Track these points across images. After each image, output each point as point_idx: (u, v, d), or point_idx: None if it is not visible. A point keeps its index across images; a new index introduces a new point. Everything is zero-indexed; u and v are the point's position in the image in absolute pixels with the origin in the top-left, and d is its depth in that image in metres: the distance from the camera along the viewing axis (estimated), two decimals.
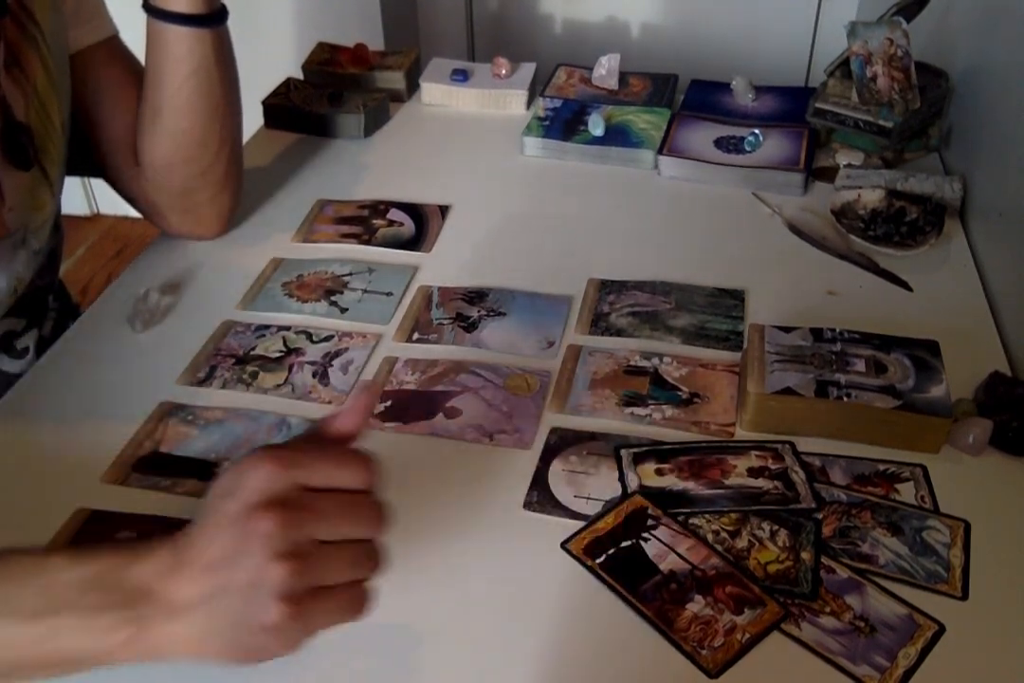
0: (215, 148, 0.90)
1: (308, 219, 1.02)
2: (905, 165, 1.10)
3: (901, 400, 0.70)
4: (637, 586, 0.61)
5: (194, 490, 0.69)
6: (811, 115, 1.11)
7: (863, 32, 1.02)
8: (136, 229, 2.40)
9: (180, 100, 0.86)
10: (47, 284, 0.91)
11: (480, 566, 0.64)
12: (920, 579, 0.62)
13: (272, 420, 0.75)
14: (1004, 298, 0.87)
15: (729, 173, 1.07)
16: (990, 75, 1.02)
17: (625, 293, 0.89)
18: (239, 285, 0.91)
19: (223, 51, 0.87)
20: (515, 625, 0.60)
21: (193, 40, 0.84)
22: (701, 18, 1.91)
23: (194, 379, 0.80)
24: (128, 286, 0.91)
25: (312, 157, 1.14)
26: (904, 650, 0.58)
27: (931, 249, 0.93)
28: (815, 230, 0.99)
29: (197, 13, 0.83)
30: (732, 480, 0.68)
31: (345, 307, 0.88)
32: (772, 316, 0.85)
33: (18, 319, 0.86)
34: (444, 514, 0.68)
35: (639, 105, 1.19)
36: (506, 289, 0.90)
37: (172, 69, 0.85)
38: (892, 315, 0.86)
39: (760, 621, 0.59)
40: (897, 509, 0.67)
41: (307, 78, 1.27)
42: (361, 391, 0.53)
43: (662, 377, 0.79)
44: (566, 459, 0.71)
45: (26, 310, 0.86)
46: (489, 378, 0.79)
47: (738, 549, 0.64)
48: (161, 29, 0.83)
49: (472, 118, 1.23)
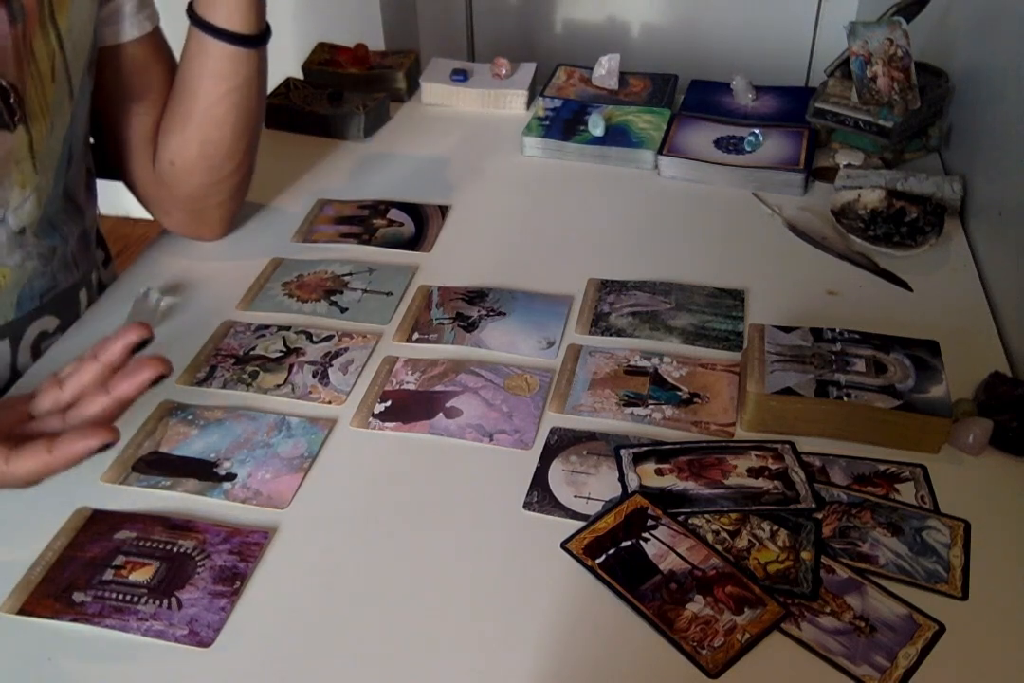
0: (239, 160, 0.90)
1: (308, 219, 1.02)
2: (905, 165, 1.10)
3: (901, 400, 0.70)
4: (637, 586, 0.61)
5: (194, 490, 0.69)
6: (811, 115, 1.11)
7: (863, 32, 1.02)
8: (136, 229, 2.40)
9: (215, 113, 0.86)
10: (77, 281, 0.88)
11: (480, 566, 0.64)
12: (920, 579, 0.62)
13: (272, 420, 0.75)
14: (1004, 298, 0.87)
15: (729, 173, 1.07)
16: (990, 75, 1.02)
17: (625, 293, 0.89)
18: (239, 285, 0.91)
19: (263, 70, 0.87)
20: (515, 625, 0.60)
21: (239, 59, 0.84)
22: (701, 18, 1.91)
23: (194, 379, 0.80)
24: (128, 286, 0.91)
25: (312, 157, 1.14)
26: (904, 650, 0.58)
27: (931, 249, 0.93)
28: (815, 230, 0.99)
29: (247, 33, 0.83)
30: (732, 480, 0.68)
31: (345, 307, 0.88)
32: (772, 316, 0.85)
33: (51, 317, 0.85)
34: (444, 514, 0.68)
35: (639, 105, 1.19)
36: (506, 289, 0.90)
37: (212, 83, 0.84)
38: (892, 315, 0.86)
39: (760, 621, 0.59)
40: (897, 509, 0.67)
41: (307, 78, 1.27)
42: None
43: (662, 377, 0.79)
44: (566, 459, 0.71)
45: (58, 308, 0.85)
46: (489, 378, 0.79)
47: (738, 549, 0.64)
48: (206, 43, 0.83)
49: (472, 118, 1.23)
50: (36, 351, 0.84)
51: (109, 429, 0.53)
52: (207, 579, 0.62)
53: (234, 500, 0.68)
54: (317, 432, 0.74)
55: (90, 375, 0.56)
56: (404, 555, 0.65)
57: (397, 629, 0.60)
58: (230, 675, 0.57)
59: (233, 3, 0.82)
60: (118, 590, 0.61)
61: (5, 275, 0.79)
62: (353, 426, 0.75)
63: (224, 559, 0.64)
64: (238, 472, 0.70)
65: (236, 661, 0.58)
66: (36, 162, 0.77)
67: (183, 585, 0.62)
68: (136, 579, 0.62)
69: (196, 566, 0.63)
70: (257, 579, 0.63)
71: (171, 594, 0.61)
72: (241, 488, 0.69)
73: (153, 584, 0.62)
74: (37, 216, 0.80)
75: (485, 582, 0.63)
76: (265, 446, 0.73)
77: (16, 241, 0.79)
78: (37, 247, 0.81)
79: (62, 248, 0.84)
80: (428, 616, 0.60)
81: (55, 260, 0.84)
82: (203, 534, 0.65)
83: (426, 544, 0.65)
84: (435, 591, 0.62)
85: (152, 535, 0.65)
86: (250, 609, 0.61)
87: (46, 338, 0.85)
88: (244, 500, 0.68)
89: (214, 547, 0.64)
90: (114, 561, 0.63)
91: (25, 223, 0.79)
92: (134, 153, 0.91)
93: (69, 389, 0.56)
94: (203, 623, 0.59)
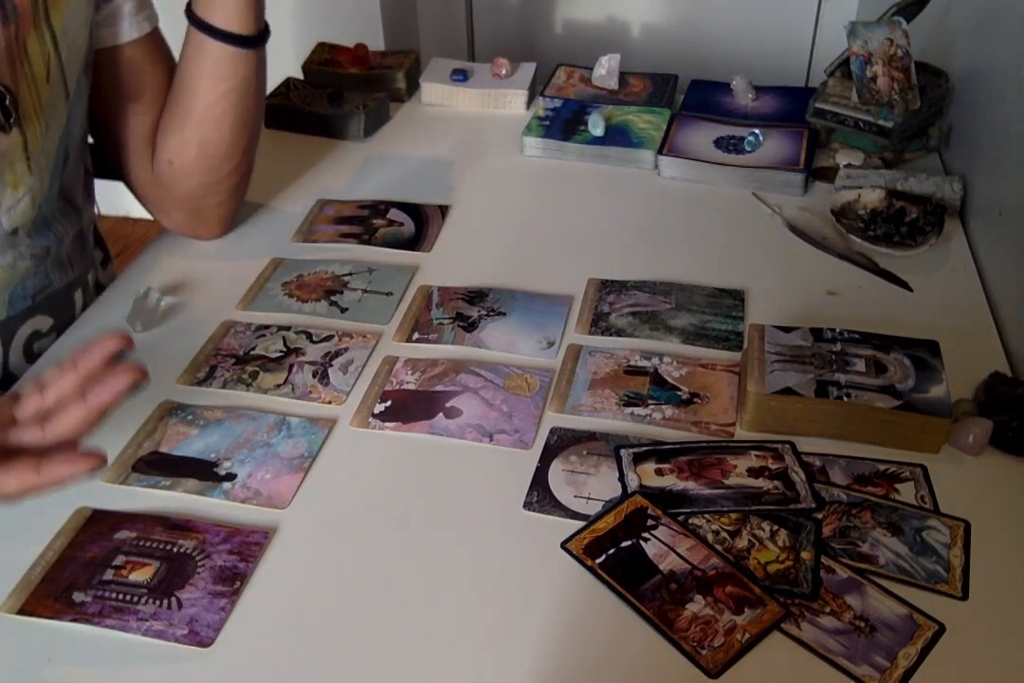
0: (237, 160, 0.90)
1: (308, 219, 1.02)
2: (905, 165, 1.10)
3: (901, 400, 0.70)
4: (637, 586, 0.61)
5: (194, 490, 0.69)
6: (811, 115, 1.11)
7: (863, 32, 1.02)
8: (136, 229, 2.40)
9: (214, 113, 0.86)
10: (72, 281, 0.88)
11: (480, 566, 0.64)
12: (920, 579, 0.62)
13: (272, 420, 0.75)
14: (1004, 298, 0.87)
15: (729, 173, 1.07)
16: (990, 75, 1.02)
17: (625, 293, 0.89)
18: (239, 285, 0.91)
19: (262, 70, 0.87)
20: (515, 625, 0.60)
21: (238, 60, 0.84)
22: (701, 18, 1.91)
23: (194, 379, 0.80)
24: (127, 286, 0.91)
25: (312, 157, 1.14)
26: (904, 650, 0.58)
27: (931, 249, 0.93)
28: (815, 230, 0.99)
29: (246, 34, 0.83)
30: (732, 480, 0.68)
31: (345, 307, 0.88)
32: (772, 316, 0.85)
33: (44, 316, 0.85)
34: (444, 514, 0.68)
35: (639, 105, 1.19)
36: (506, 289, 0.90)
37: (210, 84, 0.84)
38: (892, 315, 0.86)
39: (760, 621, 0.59)
40: (897, 509, 0.67)
41: (307, 78, 1.27)
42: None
43: (662, 377, 0.79)
44: (566, 459, 0.71)
45: (51, 307, 0.85)
46: (489, 378, 0.79)
47: (738, 549, 0.64)
48: (205, 44, 0.83)
49: (472, 118, 1.23)
50: (29, 351, 0.84)
51: (96, 456, 0.54)
52: (207, 579, 0.62)
53: (234, 500, 0.68)
54: (317, 432, 0.74)
55: (69, 383, 0.56)
56: (404, 555, 0.65)
57: (397, 629, 0.60)
58: (230, 675, 0.57)
59: (231, 4, 0.82)
60: (118, 590, 0.61)
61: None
62: (353, 426, 0.75)
63: (224, 559, 0.64)
64: (238, 472, 0.70)
65: (236, 661, 0.58)
66: (31, 163, 0.77)
67: (183, 585, 0.62)
68: (136, 579, 0.62)
69: (196, 566, 0.63)
70: (257, 579, 0.63)
71: (171, 594, 0.61)
72: (241, 488, 0.69)
73: (153, 584, 0.62)
74: (31, 216, 0.80)
75: (485, 582, 0.63)
76: (265, 446, 0.73)
77: (8, 241, 0.79)
78: (30, 247, 0.81)
79: (56, 248, 0.84)
80: (428, 616, 0.60)
81: (48, 260, 0.83)
82: (203, 534, 0.65)
83: (426, 544, 0.65)
84: (435, 591, 0.62)
85: (152, 535, 0.65)
86: (250, 609, 0.61)
87: (39, 338, 0.85)
88: (244, 500, 0.68)
89: (214, 547, 0.64)
90: (114, 561, 0.63)
91: (18, 223, 0.79)
92: (133, 153, 0.91)
93: (51, 396, 0.56)
94: (203, 623, 0.59)
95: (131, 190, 0.95)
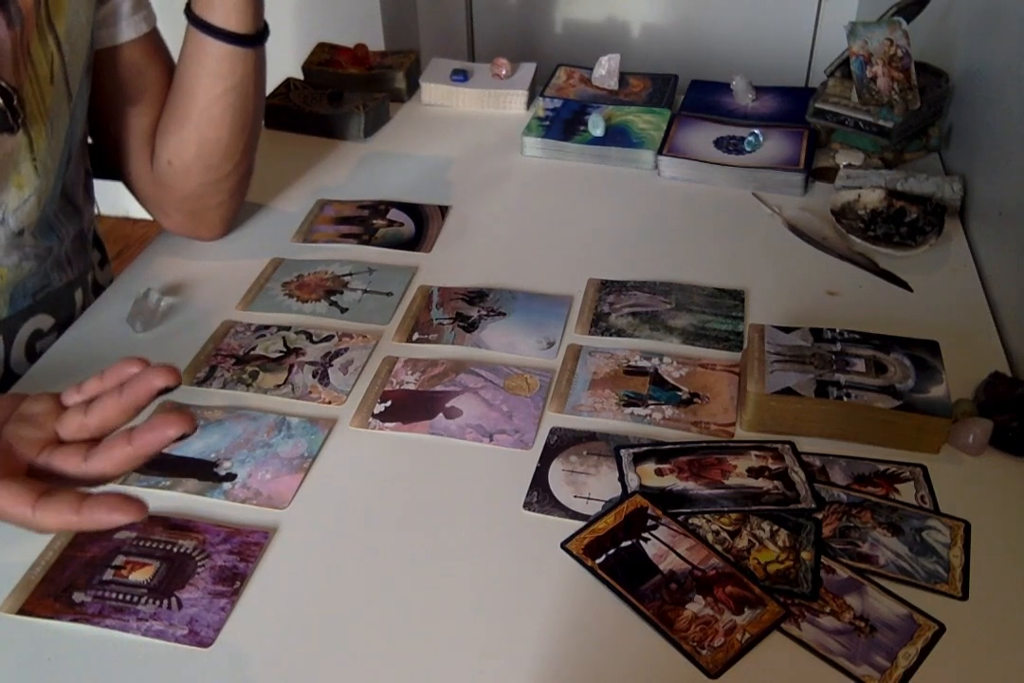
0: (237, 159, 0.90)
1: (308, 219, 1.02)
2: (905, 165, 1.10)
3: (901, 400, 0.70)
4: (637, 586, 0.61)
5: (194, 490, 0.69)
6: (811, 115, 1.11)
7: (863, 32, 1.02)
8: (136, 229, 2.40)
9: (213, 113, 0.86)
10: (72, 280, 0.88)
11: (480, 566, 0.64)
12: (920, 579, 0.62)
13: (272, 420, 0.75)
14: (1004, 298, 0.87)
15: (729, 173, 1.07)
16: (990, 75, 1.02)
17: (625, 293, 0.89)
18: (239, 285, 0.91)
19: (261, 69, 0.87)
20: (515, 625, 0.60)
21: (236, 58, 0.84)
22: (701, 18, 1.91)
23: (194, 379, 0.80)
24: (127, 286, 0.91)
25: (312, 157, 1.14)
26: (904, 650, 0.58)
27: (931, 249, 0.93)
28: (815, 230, 0.99)
29: (245, 33, 0.83)
30: (732, 480, 0.68)
31: (345, 307, 0.88)
32: (772, 316, 0.85)
33: (45, 315, 0.85)
34: (444, 514, 0.68)
35: (639, 105, 1.19)
36: (506, 289, 0.90)
37: (209, 83, 0.84)
38: (892, 315, 0.86)
39: (760, 621, 0.59)
40: (897, 509, 0.67)
41: (307, 78, 1.27)
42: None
43: (662, 377, 0.79)
44: (566, 459, 0.71)
45: (52, 306, 0.85)
46: (489, 378, 0.79)
47: (738, 549, 0.64)
48: (204, 43, 0.83)
49: (472, 118, 1.23)
50: (31, 349, 0.84)
51: (139, 506, 0.52)
52: (207, 579, 0.62)
53: (234, 500, 0.68)
54: (317, 432, 0.74)
55: (113, 411, 0.55)
56: (404, 555, 0.65)
57: (397, 629, 0.60)
58: (230, 675, 0.57)
59: (231, 2, 0.82)
60: (118, 590, 0.61)
61: (2, 275, 0.79)
62: (353, 426, 0.75)
63: (224, 559, 0.64)
64: (238, 472, 0.70)
65: (236, 661, 0.58)
66: (36, 164, 0.77)
67: (183, 585, 0.62)
68: (136, 579, 0.62)
69: (196, 566, 0.63)
70: (257, 579, 0.63)
71: (171, 594, 0.61)
72: (241, 488, 0.69)
73: (153, 584, 0.62)
74: (36, 217, 0.80)
75: (485, 582, 0.63)
76: (265, 446, 0.73)
77: (14, 242, 0.79)
78: (35, 248, 0.81)
79: (57, 248, 0.84)
80: (428, 616, 0.60)
81: (49, 259, 0.84)
82: (203, 534, 0.65)
83: (426, 544, 0.65)
84: (435, 591, 0.62)
85: (152, 535, 0.65)
86: (250, 609, 0.61)
87: (41, 337, 0.85)
88: (244, 500, 0.68)
89: (214, 547, 0.64)
90: (114, 561, 0.63)
91: (24, 224, 0.79)
92: (133, 153, 0.91)
93: (94, 420, 0.55)
94: (203, 623, 0.59)
95: (131, 191, 0.95)
